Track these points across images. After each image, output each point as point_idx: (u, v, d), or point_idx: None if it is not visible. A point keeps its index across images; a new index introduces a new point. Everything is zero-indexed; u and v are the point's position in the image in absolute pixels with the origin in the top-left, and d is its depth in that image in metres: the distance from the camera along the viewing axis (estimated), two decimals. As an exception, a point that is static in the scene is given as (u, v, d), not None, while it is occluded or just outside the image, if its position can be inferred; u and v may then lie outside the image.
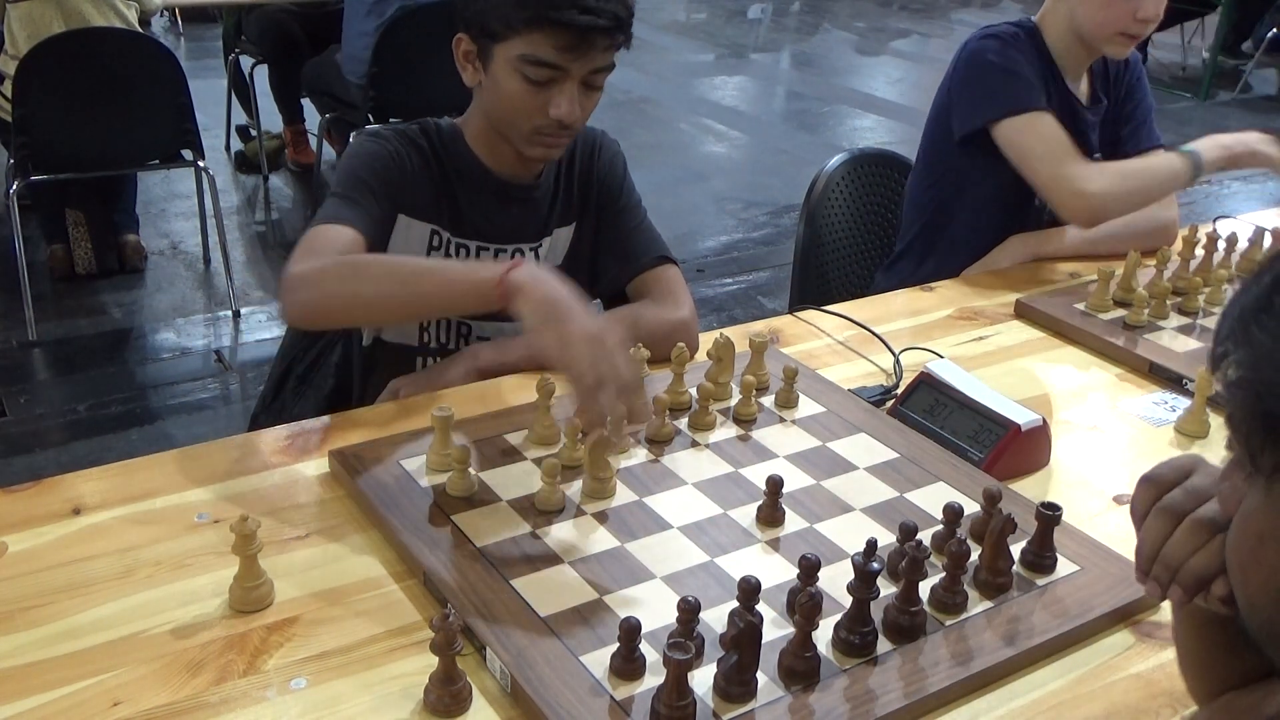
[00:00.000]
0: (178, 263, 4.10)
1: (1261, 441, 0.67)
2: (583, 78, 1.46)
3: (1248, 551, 0.72)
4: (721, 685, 0.98)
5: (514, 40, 1.43)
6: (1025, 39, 2.00)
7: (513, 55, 1.44)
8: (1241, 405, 0.68)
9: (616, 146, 1.71)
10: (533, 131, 1.49)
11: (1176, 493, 0.86)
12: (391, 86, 3.78)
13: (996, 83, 1.96)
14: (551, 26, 1.40)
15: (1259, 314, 0.67)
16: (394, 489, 1.24)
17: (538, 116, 1.47)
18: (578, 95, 1.46)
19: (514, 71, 1.44)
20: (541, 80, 1.44)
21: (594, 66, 1.45)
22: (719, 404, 1.46)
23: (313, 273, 1.36)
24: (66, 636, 1.04)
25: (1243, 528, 0.72)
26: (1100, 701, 1.05)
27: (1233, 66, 7.61)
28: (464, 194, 1.57)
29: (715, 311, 3.93)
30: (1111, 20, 1.93)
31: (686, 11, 9.35)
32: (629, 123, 5.94)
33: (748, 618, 0.96)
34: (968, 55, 2.02)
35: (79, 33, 3.36)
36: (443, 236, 1.58)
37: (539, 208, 1.63)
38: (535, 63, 1.43)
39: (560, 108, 1.45)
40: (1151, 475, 0.88)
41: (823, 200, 2.24)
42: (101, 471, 1.28)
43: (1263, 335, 0.66)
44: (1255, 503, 0.70)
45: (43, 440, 3.01)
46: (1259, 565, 0.70)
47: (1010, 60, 1.96)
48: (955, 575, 1.11)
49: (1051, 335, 1.79)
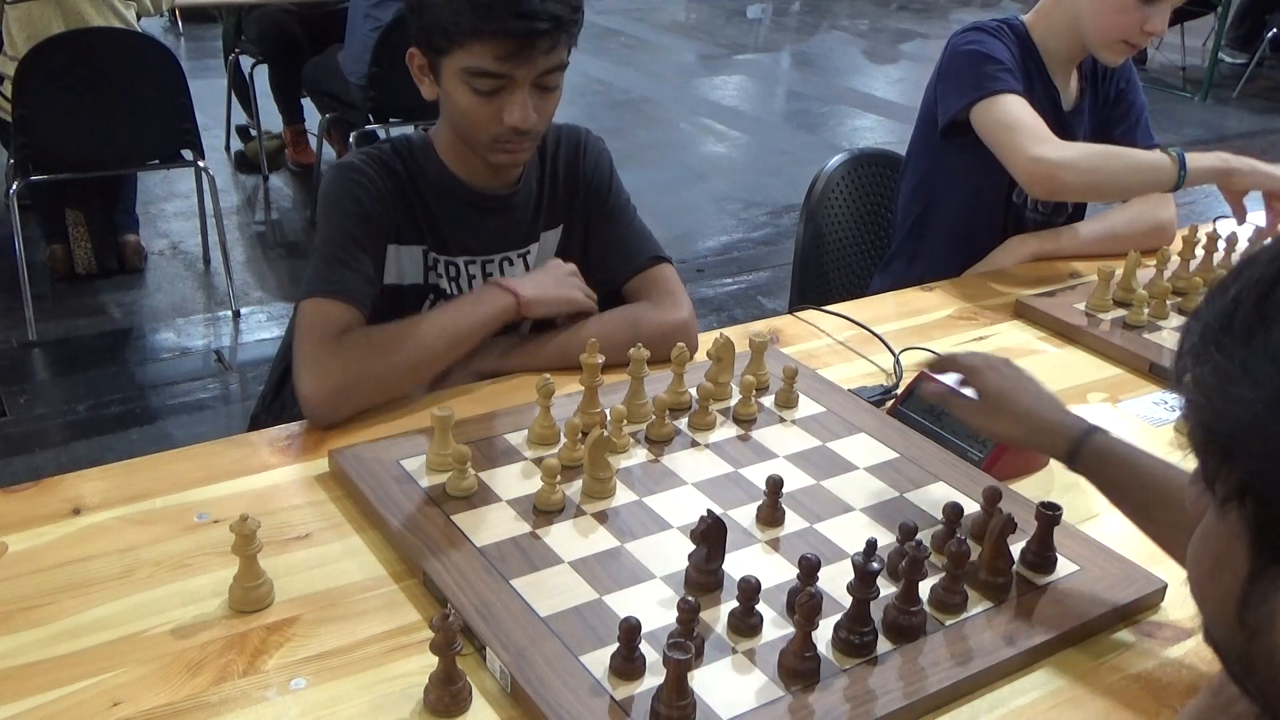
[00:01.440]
0: (177, 263, 4.10)
1: (1215, 468, 0.65)
2: (533, 81, 1.43)
3: (1205, 571, 0.70)
4: (693, 577, 1.12)
5: (457, 53, 1.41)
6: (1010, 34, 2.00)
7: (458, 68, 1.42)
8: (1197, 428, 0.65)
9: (602, 144, 1.69)
10: (492, 140, 1.47)
11: None
12: (391, 87, 3.78)
13: (973, 68, 1.95)
14: (489, 37, 1.38)
15: (1219, 334, 0.63)
16: (394, 489, 1.24)
17: (493, 126, 1.45)
18: (531, 99, 1.44)
19: (462, 84, 1.43)
20: (490, 90, 1.42)
21: (541, 69, 1.43)
22: (719, 404, 1.46)
23: (335, 381, 1.38)
24: (66, 636, 1.04)
25: (1201, 545, 0.70)
26: (1100, 701, 1.05)
27: (1231, 66, 7.61)
28: (442, 210, 1.56)
29: (715, 311, 3.93)
30: (1118, 28, 1.92)
31: (686, 11, 9.34)
32: (629, 123, 5.95)
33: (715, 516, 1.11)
34: (949, 49, 2.02)
35: (79, 33, 3.35)
36: (435, 257, 1.57)
37: (521, 214, 1.61)
38: (480, 74, 1.41)
39: (514, 114, 1.43)
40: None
41: (823, 200, 2.24)
42: (101, 471, 1.28)
43: (1222, 358, 0.63)
44: (1212, 524, 0.69)
45: (43, 440, 3.01)
46: (1215, 586, 0.68)
47: (987, 47, 1.96)
48: (955, 575, 1.11)
49: (1051, 335, 1.79)
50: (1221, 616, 0.69)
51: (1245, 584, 0.65)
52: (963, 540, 1.11)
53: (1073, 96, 2.08)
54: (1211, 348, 0.63)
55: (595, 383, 1.37)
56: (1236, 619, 0.66)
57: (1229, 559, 0.66)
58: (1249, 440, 0.62)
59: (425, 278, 1.57)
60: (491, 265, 1.60)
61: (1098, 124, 2.11)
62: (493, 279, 1.55)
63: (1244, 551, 0.65)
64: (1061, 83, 2.05)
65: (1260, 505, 0.62)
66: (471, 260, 1.59)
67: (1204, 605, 0.72)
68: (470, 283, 1.59)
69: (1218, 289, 0.66)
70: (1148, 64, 7.62)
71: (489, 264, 1.60)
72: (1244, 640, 0.66)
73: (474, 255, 1.59)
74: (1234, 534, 0.65)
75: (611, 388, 1.44)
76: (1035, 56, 2.01)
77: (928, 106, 2.08)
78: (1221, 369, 0.62)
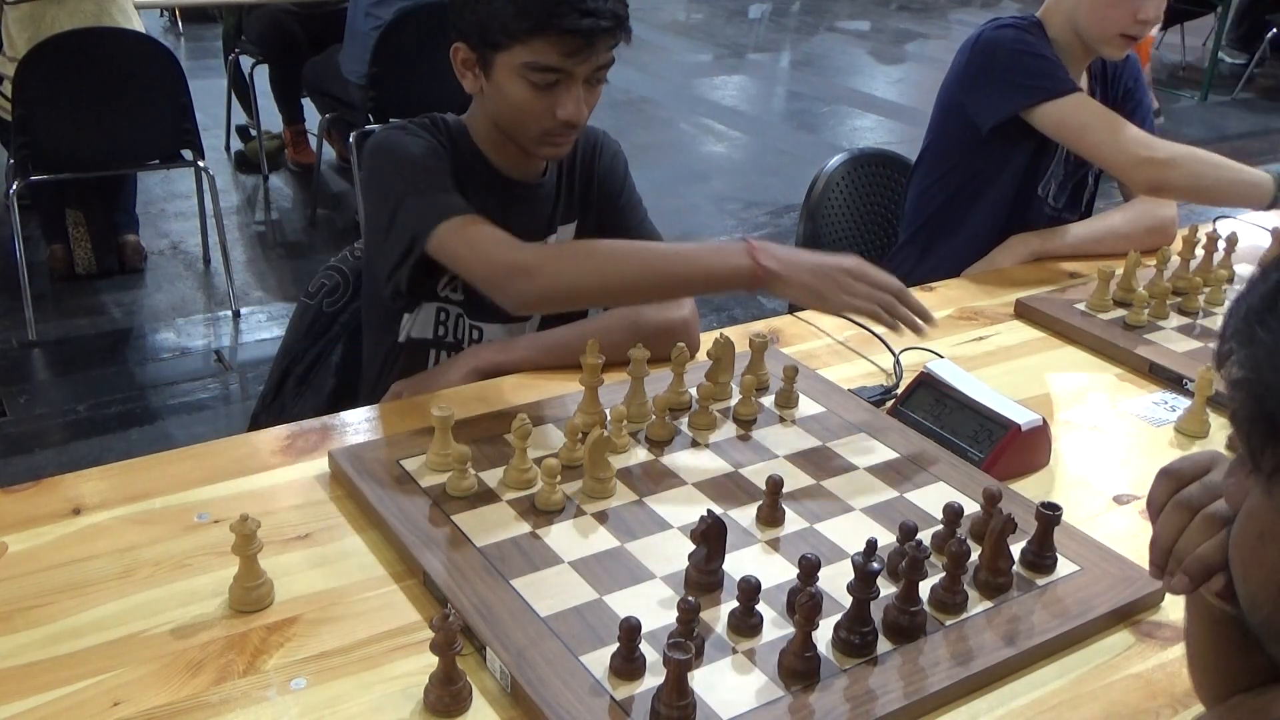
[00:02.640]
0: (177, 263, 4.10)
1: (1262, 442, 0.67)
2: (585, 76, 1.46)
3: (1249, 549, 0.72)
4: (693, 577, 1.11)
5: (516, 48, 1.43)
6: (1040, 31, 2.01)
7: (516, 63, 1.43)
8: (1243, 405, 0.68)
9: (617, 146, 1.71)
10: (541, 134, 1.49)
11: (1194, 487, 0.85)
12: (391, 86, 3.78)
13: (1026, 69, 1.97)
14: (555, 33, 1.40)
15: (1264, 314, 0.67)
16: (394, 489, 1.24)
17: (545, 120, 1.47)
18: (582, 94, 1.47)
19: (519, 78, 1.44)
20: (547, 84, 1.44)
21: (597, 65, 1.46)
22: (719, 404, 1.46)
23: (548, 260, 1.43)
24: (66, 636, 1.04)
25: (1245, 526, 0.73)
26: (1100, 701, 1.05)
27: (1231, 66, 7.61)
28: (473, 191, 1.57)
29: (715, 311, 3.93)
30: (1113, 21, 1.93)
31: (686, 11, 9.34)
32: (629, 123, 5.94)
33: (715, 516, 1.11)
34: (984, 45, 2.02)
35: (79, 33, 3.35)
36: None
37: (543, 205, 1.63)
38: (540, 69, 1.43)
39: (567, 109, 1.45)
40: (1170, 468, 0.88)
41: (823, 200, 2.24)
42: (101, 471, 1.28)
43: (1266, 336, 0.66)
44: (1257, 501, 0.71)
45: (43, 440, 3.01)
46: (1260, 564, 0.71)
47: (1033, 46, 1.97)
48: (955, 575, 1.11)
49: (1051, 335, 1.79)
50: (1263, 591, 0.71)
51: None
52: (963, 540, 1.11)
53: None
54: (1256, 327, 0.67)
55: (596, 382, 1.37)
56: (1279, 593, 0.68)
57: (1275, 534, 0.68)
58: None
59: None
60: None
61: None
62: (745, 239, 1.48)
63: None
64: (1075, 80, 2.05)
65: None
66: None
67: (1246, 587, 0.74)
68: None
69: (1259, 276, 0.69)
70: (1149, 65, 7.61)
71: None
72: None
73: None
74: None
75: (612, 388, 1.44)
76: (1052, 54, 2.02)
77: (950, 106, 2.08)
78: (1267, 345, 0.66)
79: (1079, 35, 1.99)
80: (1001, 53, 2.00)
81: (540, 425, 1.38)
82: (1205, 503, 0.84)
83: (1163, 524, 0.86)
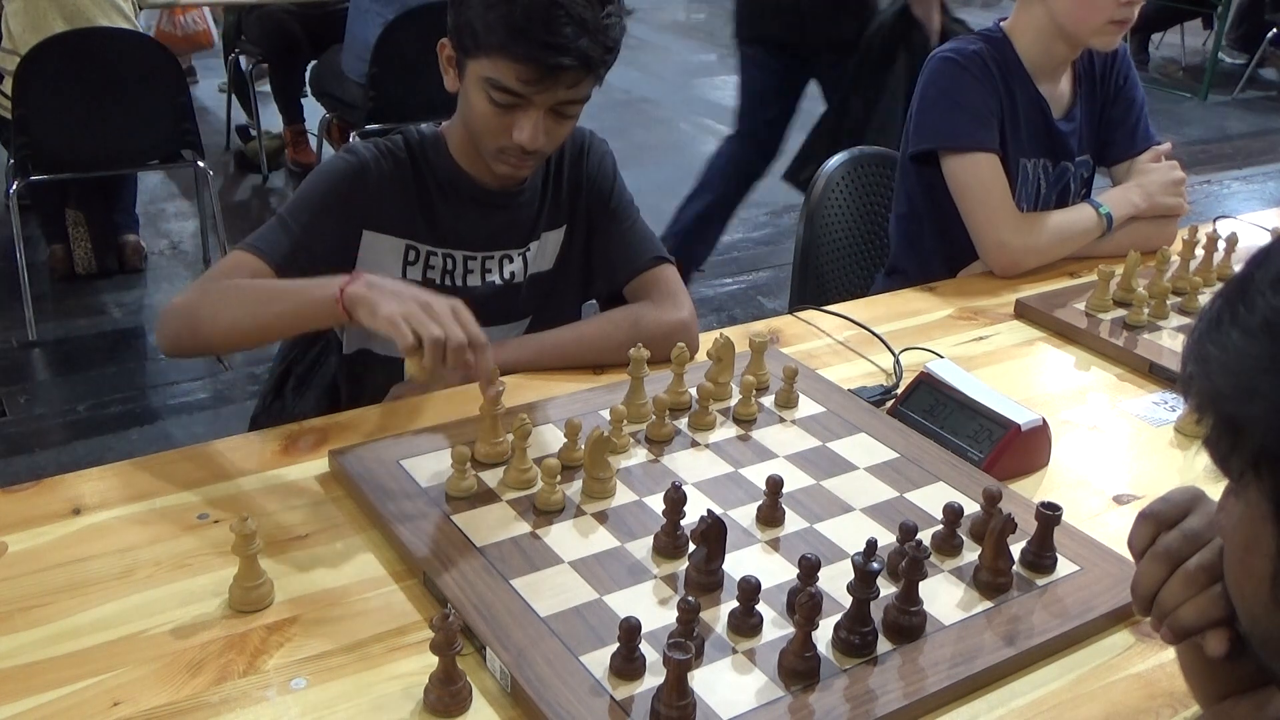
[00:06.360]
0: (178, 263, 4.09)
1: (1229, 447, 0.70)
2: (551, 107, 1.44)
3: (1238, 565, 0.73)
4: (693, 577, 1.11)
5: (482, 60, 1.41)
6: (990, 53, 1.95)
7: (481, 75, 1.42)
8: (1207, 418, 0.71)
9: (605, 146, 1.69)
10: (497, 150, 1.47)
11: (1173, 536, 0.86)
12: (391, 87, 3.78)
13: (944, 113, 1.96)
14: (514, 58, 1.38)
15: (1211, 332, 0.72)
16: (394, 489, 1.24)
17: (502, 138, 1.45)
18: (544, 122, 1.44)
19: (482, 91, 1.43)
20: (506, 104, 1.42)
21: (560, 99, 1.43)
22: (719, 404, 1.46)
23: (183, 305, 1.42)
24: (66, 636, 1.04)
25: (1231, 543, 0.74)
26: (1100, 701, 1.05)
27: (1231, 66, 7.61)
28: (444, 203, 1.56)
29: (715, 311, 3.93)
30: (1098, 9, 1.88)
31: (686, 11, 9.33)
32: (629, 123, 5.94)
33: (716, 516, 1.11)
34: (926, 75, 2.00)
35: (79, 32, 3.36)
36: (420, 250, 1.56)
37: (525, 212, 1.62)
38: (498, 88, 1.41)
39: (523, 133, 1.43)
40: (1150, 511, 0.89)
41: (823, 200, 2.24)
42: (101, 471, 1.28)
43: (1215, 349, 0.70)
44: (1238, 514, 0.72)
45: (43, 440, 3.01)
46: (1249, 576, 0.71)
47: (960, 90, 1.94)
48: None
49: (1051, 335, 1.79)
50: (1259, 603, 0.72)
51: (1275, 560, 0.68)
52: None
53: (1064, 103, 2.04)
54: (1206, 344, 0.71)
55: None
56: (1272, 600, 0.69)
57: (1257, 540, 0.70)
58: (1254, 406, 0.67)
59: (404, 273, 1.56)
60: (491, 261, 1.61)
61: (1095, 126, 2.09)
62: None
63: (1270, 527, 0.68)
64: (1049, 90, 2.01)
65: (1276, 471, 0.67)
66: (471, 255, 1.59)
67: (1241, 602, 0.75)
68: (466, 277, 1.59)
69: (1205, 307, 0.75)
70: (1150, 65, 7.61)
71: (489, 259, 1.60)
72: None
73: (473, 250, 1.59)
74: (1259, 514, 0.69)
75: (612, 387, 1.44)
76: (1018, 68, 1.97)
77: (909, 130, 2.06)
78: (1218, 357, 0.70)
79: (1063, 36, 1.94)
80: (930, 89, 1.98)
81: (540, 425, 1.38)
82: (1185, 554, 0.85)
83: (1142, 573, 0.87)
